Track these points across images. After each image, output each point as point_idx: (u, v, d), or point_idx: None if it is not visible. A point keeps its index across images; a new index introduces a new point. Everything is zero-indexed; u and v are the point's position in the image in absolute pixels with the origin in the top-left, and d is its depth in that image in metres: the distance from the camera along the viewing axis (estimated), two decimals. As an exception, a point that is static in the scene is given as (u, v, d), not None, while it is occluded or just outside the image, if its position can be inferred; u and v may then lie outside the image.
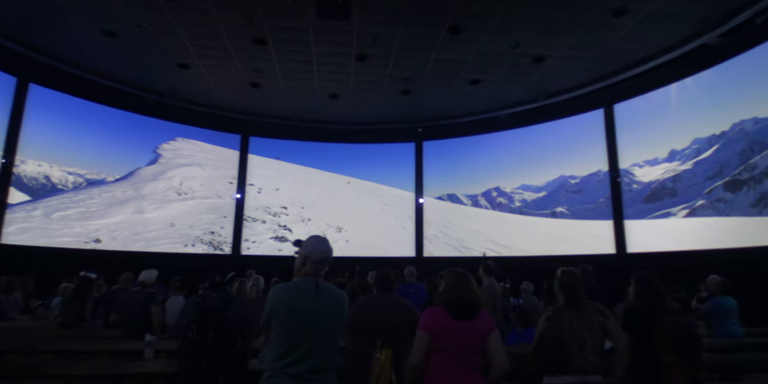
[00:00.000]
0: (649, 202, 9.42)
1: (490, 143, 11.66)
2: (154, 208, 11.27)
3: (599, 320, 2.63)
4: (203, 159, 12.97)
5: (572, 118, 10.17)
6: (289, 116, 11.48)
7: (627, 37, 7.43)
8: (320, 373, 1.96)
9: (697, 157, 8.74)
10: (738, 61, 7.39)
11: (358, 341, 3.01)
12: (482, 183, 12.33)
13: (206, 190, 12.43)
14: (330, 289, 2.12)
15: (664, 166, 9.41)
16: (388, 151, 12.59)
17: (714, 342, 4.51)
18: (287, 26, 7.22)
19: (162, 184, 11.91)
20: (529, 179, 11.85)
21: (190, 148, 13.03)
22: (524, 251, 10.43)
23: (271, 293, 2.05)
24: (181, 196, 11.93)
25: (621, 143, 9.31)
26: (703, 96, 8.16)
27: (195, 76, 9.14)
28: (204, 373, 2.98)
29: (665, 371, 2.53)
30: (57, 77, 8.95)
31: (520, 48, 7.84)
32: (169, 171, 12.29)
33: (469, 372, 2.22)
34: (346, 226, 12.59)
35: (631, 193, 9.61)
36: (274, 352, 1.94)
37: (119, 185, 11.18)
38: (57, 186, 10.21)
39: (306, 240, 2.20)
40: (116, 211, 10.48)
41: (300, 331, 1.95)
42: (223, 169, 12.93)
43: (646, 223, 9.20)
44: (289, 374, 1.89)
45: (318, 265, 2.12)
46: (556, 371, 2.59)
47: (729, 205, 7.87)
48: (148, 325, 4.55)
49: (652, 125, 9.10)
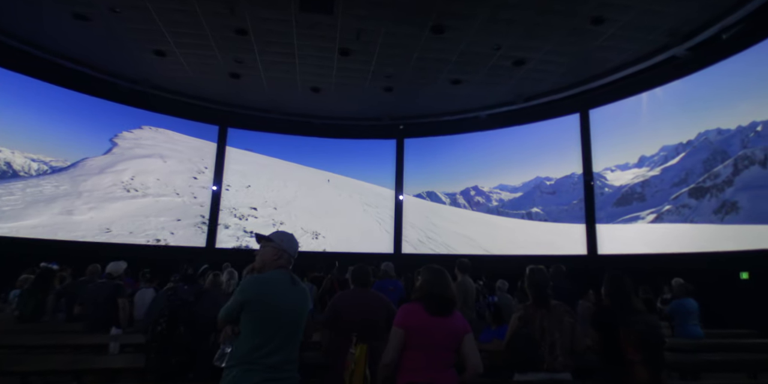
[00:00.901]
0: (620, 205, 9.72)
1: (470, 143, 11.80)
2: (88, 209, 9.55)
3: (570, 321, 2.70)
4: (168, 150, 11.49)
5: (549, 121, 10.40)
6: (269, 108, 11.31)
7: (603, 45, 7.65)
8: (291, 363, 2.00)
9: (664, 164, 9.06)
10: (704, 74, 7.76)
11: (333, 336, 2.99)
12: (461, 181, 12.47)
13: (162, 187, 10.97)
14: (300, 283, 2.16)
15: (634, 171, 9.71)
16: (369, 146, 12.55)
17: (675, 342, 4.68)
18: (270, 17, 7.09)
19: (108, 178, 10.22)
20: (507, 179, 12.06)
21: (156, 137, 11.46)
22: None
23: (243, 286, 2.02)
24: (129, 193, 10.35)
25: (595, 147, 9.59)
26: (672, 106, 8.50)
27: (172, 63, 8.87)
28: (173, 369, 2.91)
29: (630, 369, 2.61)
30: (23, 60, 8.52)
31: (501, 50, 7.95)
32: (121, 163, 10.58)
33: (442, 368, 2.23)
34: (324, 231, 11.83)
35: (602, 196, 9.90)
36: (248, 344, 1.93)
37: (53, 178, 9.45)
38: (18, 173, 9.07)
39: (277, 234, 2.20)
40: (36, 212, 8.71)
41: (277, 321, 1.97)
42: (189, 162, 11.59)
43: (617, 226, 9.49)
44: (267, 365, 1.89)
45: (292, 259, 2.17)
46: (526, 369, 2.65)
47: (693, 211, 8.19)
48: (113, 318, 4.40)
49: (624, 131, 9.41)
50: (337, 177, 12.84)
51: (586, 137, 9.64)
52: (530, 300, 2.81)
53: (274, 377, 1.90)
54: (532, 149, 11.00)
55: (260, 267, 2.14)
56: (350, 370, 2.38)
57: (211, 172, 11.55)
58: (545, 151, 10.82)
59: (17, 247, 8.12)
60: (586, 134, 9.65)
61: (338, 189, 12.81)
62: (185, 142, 11.79)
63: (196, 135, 11.77)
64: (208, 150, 11.67)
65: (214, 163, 11.52)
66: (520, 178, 11.82)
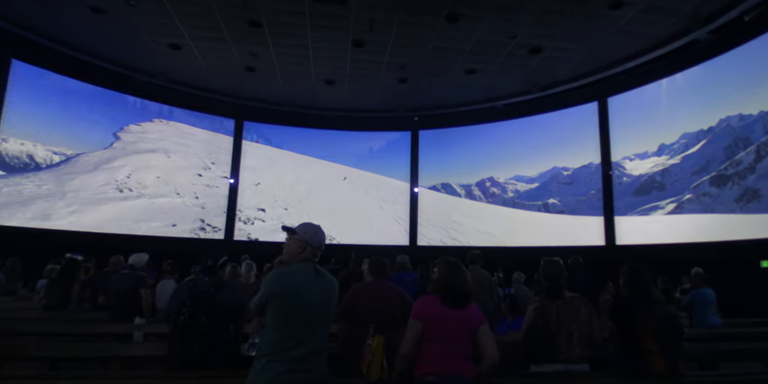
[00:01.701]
0: (639, 195, 9.53)
1: (485, 133, 11.67)
2: (68, 213, 8.61)
3: (587, 313, 2.69)
4: (175, 144, 10.67)
5: (567, 110, 10.22)
6: (283, 101, 11.34)
7: (622, 30, 7.46)
8: (318, 355, 2.01)
9: (685, 152, 8.82)
10: (726, 58, 7.50)
11: (350, 328, 3.03)
12: (476, 173, 12.36)
13: (162, 186, 10.11)
14: (326, 274, 2.16)
15: (653, 159, 9.49)
16: (384, 138, 12.53)
17: (693, 332, 4.63)
18: (283, 9, 7.07)
19: (102, 176, 9.29)
20: (523, 170, 11.90)
21: (165, 130, 10.64)
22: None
23: (270, 278, 2.06)
24: (122, 193, 9.42)
25: (613, 136, 9.40)
26: (692, 92, 8.26)
27: (187, 57, 8.94)
28: (195, 357, 2.99)
29: (648, 359, 2.60)
30: (42, 54, 8.69)
31: (517, 38, 7.81)
32: (119, 159, 9.67)
33: (460, 359, 2.25)
34: (337, 234, 11.03)
35: (621, 186, 9.71)
36: (273, 336, 1.96)
37: (39, 177, 8.55)
38: (41, 165, 8.80)
39: (301, 226, 2.21)
40: (8, 216, 7.89)
41: (303, 314, 1.99)
42: (196, 157, 10.76)
43: (636, 218, 9.33)
44: (292, 357, 1.92)
45: (317, 251, 2.16)
46: (543, 360, 2.65)
47: (714, 199, 8.00)
48: (136, 308, 4.53)
49: (643, 119, 9.18)
50: (352, 170, 12.64)
51: (604, 126, 9.46)
52: (545, 292, 2.80)
53: (298, 368, 1.92)
54: (548, 139, 10.82)
55: (287, 260, 2.16)
56: (367, 361, 2.41)
57: (219, 168, 11.26)
58: (562, 141, 10.63)
59: (42, 239, 8.37)
60: (604, 123, 9.47)
61: (354, 184, 12.55)
62: (195, 135, 11.13)
63: (207, 127, 11.30)
64: (218, 143, 11.12)
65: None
66: (537, 168, 11.65)
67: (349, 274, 6.37)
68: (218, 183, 11.22)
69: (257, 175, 11.92)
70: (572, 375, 2.60)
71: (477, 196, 12.37)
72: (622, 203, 9.50)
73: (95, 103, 9.77)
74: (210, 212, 10.81)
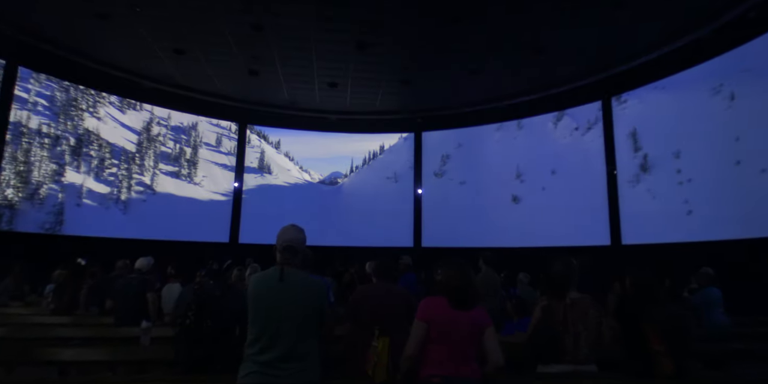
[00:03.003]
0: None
1: (487, 132, 11.66)
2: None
3: (595, 314, 2.65)
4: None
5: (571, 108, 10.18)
6: (287, 105, 11.36)
7: (626, 28, 7.42)
8: (291, 362, 1.98)
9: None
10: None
11: (355, 329, 3.03)
12: (479, 169, 12.35)
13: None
14: (298, 278, 2.10)
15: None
16: (387, 140, 12.57)
17: (700, 331, 4.57)
18: (285, 12, 7.09)
19: None
20: (522, 168, 11.88)
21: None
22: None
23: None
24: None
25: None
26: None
27: (191, 61, 8.98)
28: (201, 360, 3.00)
29: (655, 360, 2.57)
30: (47, 60, 8.76)
31: (519, 37, 7.80)
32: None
33: (465, 361, 2.23)
34: (337, 235, 11.12)
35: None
36: (247, 339, 2.03)
37: None
38: None
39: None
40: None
41: (264, 319, 2.01)
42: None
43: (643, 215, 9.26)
44: (257, 362, 1.96)
45: (283, 253, 2.12)
46: (549, 361, 2.63)
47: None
48: (143, 311, 4.55)
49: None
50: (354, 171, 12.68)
51: (608, 125, 9.41)
52: (551, 292, 2.78)
53: (265, 372, 1.94)
54: (552, 138, 10.80)
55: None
56: (373, 363, 2.41)
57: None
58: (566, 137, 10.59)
59: (50, 243, 8.44)
60: (608, 122, 9.42)
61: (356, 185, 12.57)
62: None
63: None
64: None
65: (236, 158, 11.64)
66: (536, 167, 11.62)
67: (353, 276, 6.39)
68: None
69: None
70: (579, 376, 2.58)
71: (479, 192, 12.35)
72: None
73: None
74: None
